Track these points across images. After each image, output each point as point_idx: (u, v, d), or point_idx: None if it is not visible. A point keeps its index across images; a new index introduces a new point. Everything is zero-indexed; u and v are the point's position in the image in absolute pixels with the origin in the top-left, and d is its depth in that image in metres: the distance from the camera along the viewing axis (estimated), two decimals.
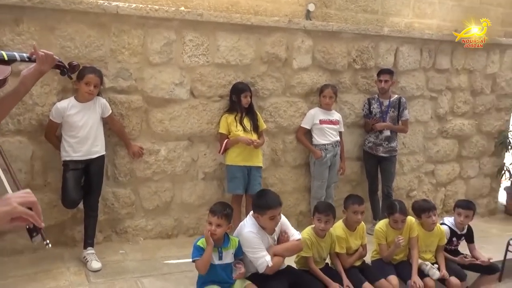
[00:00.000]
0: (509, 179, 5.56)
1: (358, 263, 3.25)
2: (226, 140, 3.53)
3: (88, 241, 3.16)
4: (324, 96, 3.93)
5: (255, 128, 3.58)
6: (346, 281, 2.98)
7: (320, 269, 3.04)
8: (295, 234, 2.88)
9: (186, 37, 3.47)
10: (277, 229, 2.87)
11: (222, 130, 3.59)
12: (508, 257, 4.00)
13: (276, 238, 2.85)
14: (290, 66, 3.88)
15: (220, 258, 2.68)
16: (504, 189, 5.74)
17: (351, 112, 4.29)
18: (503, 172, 5.56)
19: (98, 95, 3.15)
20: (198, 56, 3.54)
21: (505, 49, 5.15)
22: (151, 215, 3.62)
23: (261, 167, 3.65)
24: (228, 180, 3.61)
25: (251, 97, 3.58)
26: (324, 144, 3.97)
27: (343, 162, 4.17)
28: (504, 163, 5.61)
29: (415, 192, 4.85)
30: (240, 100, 3.52)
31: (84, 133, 3.05)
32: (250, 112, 3.60)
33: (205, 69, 3.58)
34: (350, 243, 3.16)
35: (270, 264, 2.62)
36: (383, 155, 4.21)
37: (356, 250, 3.23)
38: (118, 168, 3.43)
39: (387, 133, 4.18)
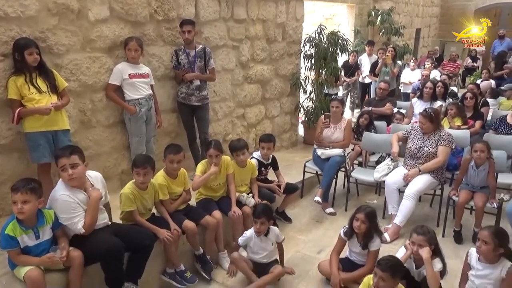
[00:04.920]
0: (304, 114, 6.57)
1: (183, 207, 3.44)
2: (18, 110, 3.08)
3: None
4: (129, 49, 3.78)
5: (53, 88, 3.21)
6: (173, 225, 3.14)
7: (147, 219, 3.12)
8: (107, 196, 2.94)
9: None
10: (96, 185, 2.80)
11: (12, 95, 3.07)
12: (305, 177, 4.87)
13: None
14: (86, 18, 3.56)
15: (38, 237, 2.50)
16: (301, 123, 6.79)
17: (160, 65, 4.27)
18: (299, 109, 6.54)
19: None
20: None
21: (289, 1, 5.86)
22: None
23: (68, 130, 3.34)
24: (31, 149, 3.20)
25: (39, 54, 3.13)
26: (137, 99, 3.89)
27: (159, 115, 4.19)
28: (299, 101, 6.58)
29: (230, 136, 5.28)
30: (24, 59, 3.06)
31: None
32: (43, 71, 3.17)
33: None
34: (172, 190, 3.30)
35: (82, 231, 2.60)
36: (196, 104, 4.40)
37: (180, 195, 3.41)
38: None
39: (197, 82, 4.35)
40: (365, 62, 8.49)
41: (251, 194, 3.85)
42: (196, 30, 4.29)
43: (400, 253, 2.89)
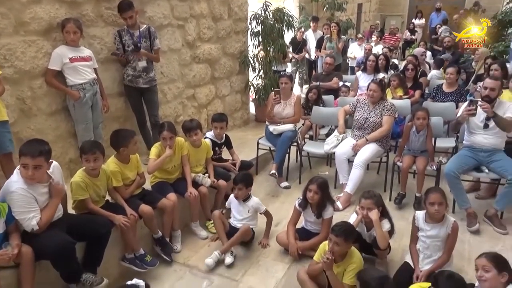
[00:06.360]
0: (254, 92, 6.60)
1: (138, 191, 3.39)
2: None
3: None
4: (67, 32, 3.58)
5: None
6: (129, 210, 3.09)
7: (101, 207, 3.05)
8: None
9: None
10: (55, 177, 2.69)
11: None
12: (259, 154, 4.94)
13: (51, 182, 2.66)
14: None
15: None
16: (252, 101, 6.82)
17: (102, 47, 4.09)
18: (249, 87, 6.56)
19: None
20: None
21: None
22: None
23: (6, 121, 3.13)
24: None
25: None
26: (81, 84, 3.71)
27: (105, 99, 4.04)
28: (249, 79, 6.60)
29: (181, 117, 5.21)
30: None
31: None
32: None
33: None
34: (126, 175, 3.24)
35: (36, 228, 2.49)
36: (144, 86, 4.28)
37: (134, 180, 3.35)
38: None
39: (143, 64, 4.22)
40: (311, 38, 8.62)
41: (207, 174, 3.87)
42: (137, 9, 4.12)
43: (352, 219, 3.06)
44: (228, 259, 3.25)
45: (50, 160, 2.60)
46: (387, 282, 2.22)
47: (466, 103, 3.80)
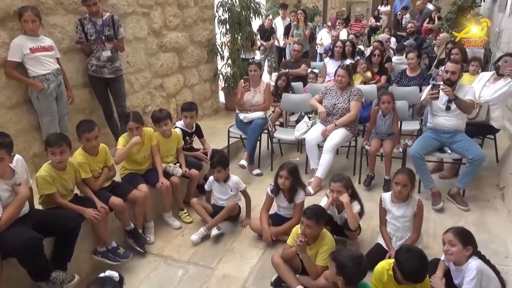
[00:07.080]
0: (223, 81, 6.56)
1: (107, 184, 3.32)
2: None
3: None
4: (25, 21, 3.40)
5: None
6: (99, 203, 3.02)
7: (70, 201, 2.97)
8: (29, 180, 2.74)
9: None
10: (19, 171, 2.60)
11: None
12: (230, 142, 4.95)
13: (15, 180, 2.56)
14: None
15: None
16: (221, 90, 6.78)
17: (64, 36, 3.93)
18: (218, 75, 6.51)
19: None
20: None
21: None
22: None
23: None
24: None
25: None
26: (44, 75, 3.56)
27: (70, 90, 3.90)
28: (217, 68, 6.54)
29: (150, 108, 5.12)
30: None
31: None
32: None
33: None
34: (94, 167, 3.17)
35: None
36: (109, 76, 4.16)
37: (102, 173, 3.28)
38: None
39: (107, 53, 4.10)
40: (279, 25, 8.63)
41: (178, 164, 3.84)
42: None
43: (323, 202, 3.12)
44: (214, 231, 3.44)
45: (13, 153, 2.50)
46: (363, 261, 2.29)
47: (429, 87, 3.92)
